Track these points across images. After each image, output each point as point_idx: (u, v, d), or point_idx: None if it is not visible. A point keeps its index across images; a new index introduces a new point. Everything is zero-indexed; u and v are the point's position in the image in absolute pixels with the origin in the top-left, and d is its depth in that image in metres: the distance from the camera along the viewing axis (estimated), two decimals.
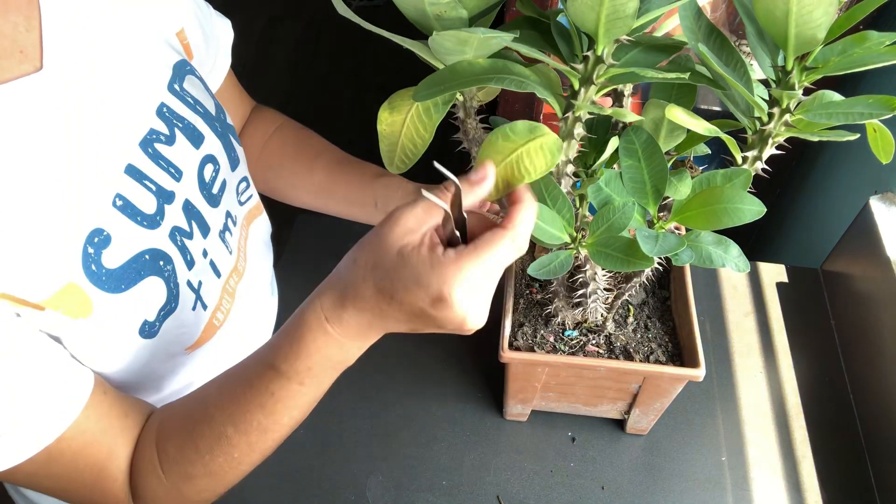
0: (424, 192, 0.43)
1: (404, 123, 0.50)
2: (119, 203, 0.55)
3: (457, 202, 0.44)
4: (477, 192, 0.45)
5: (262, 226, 0.78)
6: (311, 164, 0.81)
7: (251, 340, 0.78)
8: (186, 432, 0.54)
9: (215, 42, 0.71)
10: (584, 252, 0.55)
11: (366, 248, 0.47)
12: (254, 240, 0.75)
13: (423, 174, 0.75)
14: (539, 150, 0.44)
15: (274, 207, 0.86)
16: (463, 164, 0.59)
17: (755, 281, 0.96)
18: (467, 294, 0.44)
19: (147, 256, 0.56)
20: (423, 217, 0.45)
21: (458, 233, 0.44)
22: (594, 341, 0.70)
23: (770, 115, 0.47)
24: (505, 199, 0.46)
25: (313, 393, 0.53)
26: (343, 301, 0.48)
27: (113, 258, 0.54)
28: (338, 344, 0.50)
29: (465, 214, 0.45)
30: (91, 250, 0.52)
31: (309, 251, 0.98)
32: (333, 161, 0.81)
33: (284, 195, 0.84)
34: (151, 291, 0.57)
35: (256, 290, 0.76)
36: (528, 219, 0.45)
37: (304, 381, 0.51)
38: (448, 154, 0.71)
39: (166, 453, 0.54)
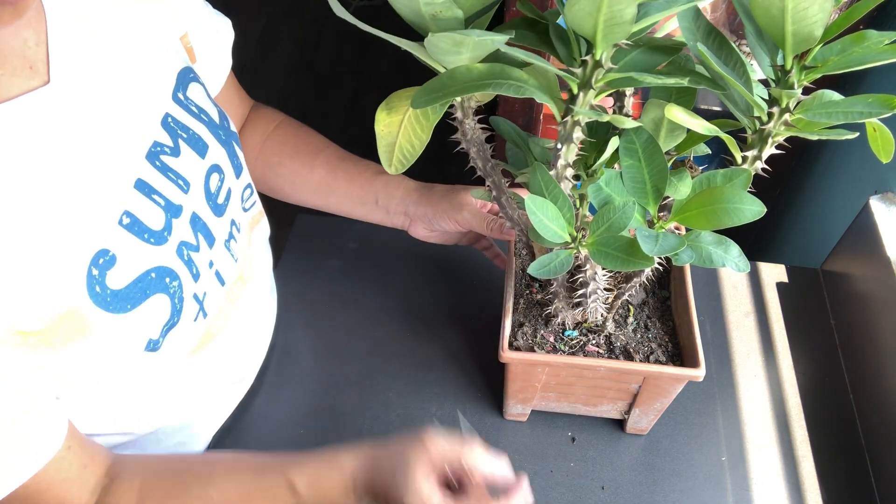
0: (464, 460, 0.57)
1: (402, 124, 0.50)
2: (126, 221, 0.53)
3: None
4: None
5: (264, 230, 0.78)
6: (312, 162, 0.80)
7: (251, 341, 0.78)
8: (180, 499, 0.57)
9: (217, 43, 0.70)
10: (584, 252, 0.55)
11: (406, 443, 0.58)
12: (256, 245, 0.75)
13: (423, 174, 0.75)
14: None
15: (274, 207, 0.86)
16: (462, 165, 0.59)
17: (755, 281, 0.96)
18: None
19: (153, 275, 0.55)
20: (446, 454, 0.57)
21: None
22: (594, 341, 0.70)
23: (770, 115, 0.47)
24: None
25: None
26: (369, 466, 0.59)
27: (118, 279, 0.53)
28: (339, 492, 0.59)
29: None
30: (96, 272, 0.51)
31: (309, 251, 0.98)
32: (334, 158, 0.80)
33: (283, 193, 0.83)
34: (156, 309, 0.56)
35: (258, 294, 0.76)
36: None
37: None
38: (447, 155, 0.71)
39: None
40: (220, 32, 0.71)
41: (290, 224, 1.01)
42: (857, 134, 0.44)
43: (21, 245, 0.47)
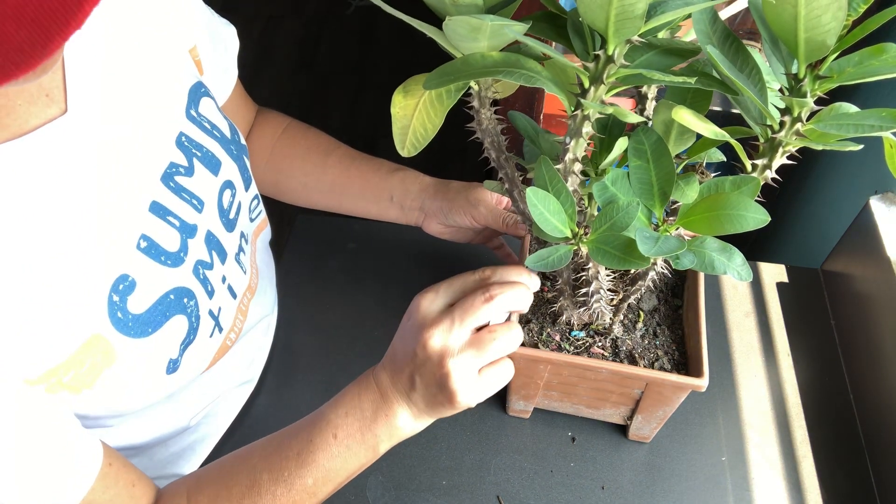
0: None
1: (416, 108, 0.51)
2: (143, 245, 0.53)
3: None
4: None
5: (266, 235, 0.77)
6: (323, 163, 0.79)
7: (257, 346, 0.78)
8: (223, 480, 0.56)
9: (223, 53, 0.69)
10: (584, 249, 0.55)
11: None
12: (260, 251, 0.74)
13: (434, 167, 0.75)
14: None
15: (273, 207, 0.85)
16: (476, 156, 0.59)
17: (755, 281, 0.97)
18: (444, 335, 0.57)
19: (172, 296, 0.55)
20: None
21: None
22: (600, 343, 0.70)
23: (782, 124, 0.46)
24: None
25: (341, 458, 0.57)
26: (385, 366, 0.59)
27: (139, 303, 0.52)
28: (370, 398, 0.57)
29: None
30: (116, 298, 0.51)
31: (309, 251, 0.98)
32: (346, 158, 0.80)
33: (296, 197, 0.82)
34: (176, 329, 0.56)
35: (264, 301, 0.76)
36: (510, 274, 0.58)
37: (338, 434, 0.56)
38: (461, 143, 0.70)
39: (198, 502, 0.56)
40: (227, 42, 0.70)
41: (290, 224, 1.00)
42: (862, 146, 0.44)
43: (43, 277, 0.46)
